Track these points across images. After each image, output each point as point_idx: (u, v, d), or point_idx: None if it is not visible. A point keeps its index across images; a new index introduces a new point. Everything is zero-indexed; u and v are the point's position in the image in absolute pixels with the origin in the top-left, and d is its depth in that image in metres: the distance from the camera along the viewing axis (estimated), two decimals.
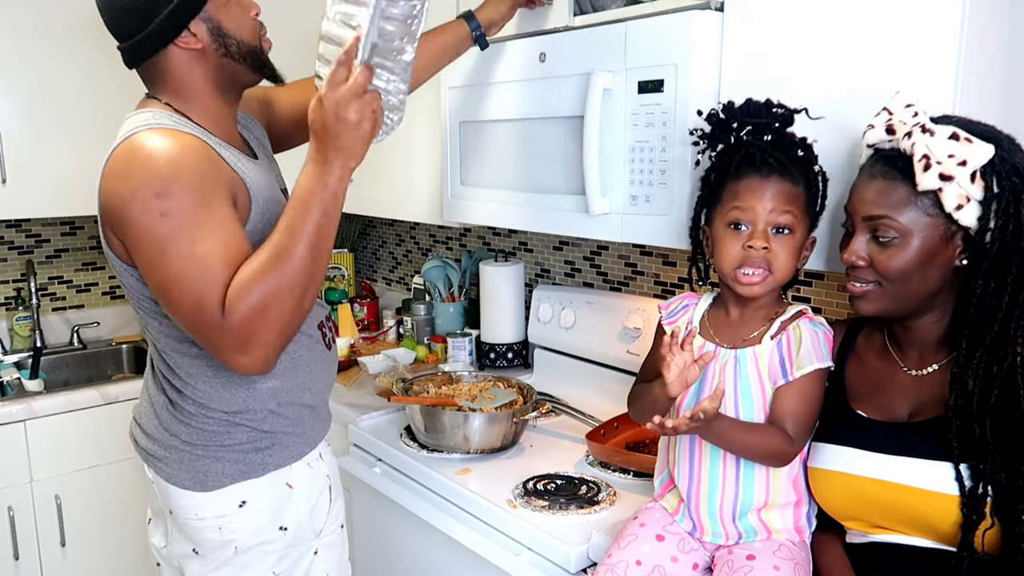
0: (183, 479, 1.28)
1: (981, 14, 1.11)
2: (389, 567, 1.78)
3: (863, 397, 1.16)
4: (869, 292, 1.09)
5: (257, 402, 1.29)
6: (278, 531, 1.31)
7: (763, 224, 1.14)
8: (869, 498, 1.09)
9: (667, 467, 1.28)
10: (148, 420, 1.34)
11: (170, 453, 1.29)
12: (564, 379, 2.09)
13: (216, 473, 1.28)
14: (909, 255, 1.04)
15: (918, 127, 1.02)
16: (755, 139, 1.15)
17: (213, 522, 1.28)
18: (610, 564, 1.19)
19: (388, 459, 1.75)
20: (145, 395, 1.37)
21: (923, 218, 1.03)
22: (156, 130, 1.17)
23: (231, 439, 1.28)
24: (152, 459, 1.32)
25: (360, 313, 2.74)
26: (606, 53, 1.48)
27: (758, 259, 1.14)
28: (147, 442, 1.33)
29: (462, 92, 1.84)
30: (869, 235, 1.07)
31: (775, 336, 1.18)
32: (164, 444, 1.30)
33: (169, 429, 1.30)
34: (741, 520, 1.19)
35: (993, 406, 1.00)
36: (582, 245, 2.20)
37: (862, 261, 1.08)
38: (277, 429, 1.31)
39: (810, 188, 1.17)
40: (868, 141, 1.09)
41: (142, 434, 1.35)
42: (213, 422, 1.28)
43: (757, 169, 1.14)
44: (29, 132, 2.35)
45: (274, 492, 1.30)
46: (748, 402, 1.17)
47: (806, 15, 1.24)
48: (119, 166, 1.15)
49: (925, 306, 1.09)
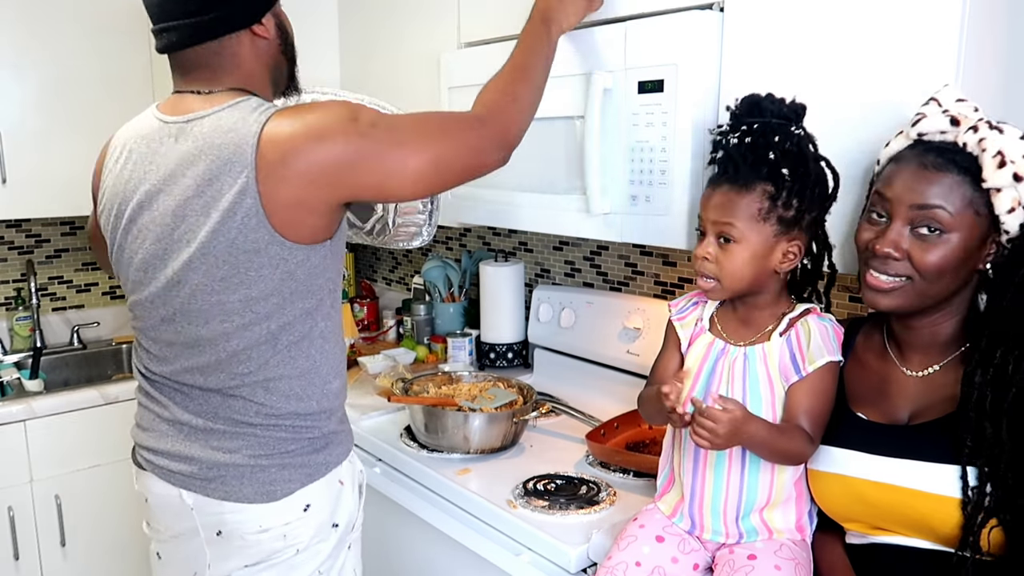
0: (246, 494, 1.24)
1: (981, 14, 1.11)
2: (389, 567, 1.78)
3: (863, 399, 1.16)
4: (897, 287, 1.06)
5: (328, 401, 1.30)
6: (331, 528, 1.31)
7: (711, 233, 1.17)
8: (869, 500, 1.08)
9: (669, 465, 1.28)
10: (183, 446, 1.26)
11: (226, 472, 1.24)
12: (564, 379, 2.09)
13: (284, 480, 1.25)
14: (949, 251, 1.02)
15: (984, 123, 1.01)
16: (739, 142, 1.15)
17: (279, 531, 1.25)
18: (609, 566, 1.19)
19: (388, 459, 1.75)
20: (169, 424, 1.29)
21: (972, 216, 1.02)
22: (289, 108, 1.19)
23: (295, 444, 1.26)
24: (197, 482, 1.25)
25: (360, 313, 2.74)
26: (606, 53, 1.48)
27: (701, 268, 1.18)
28: (186, 466, 1.26)
29: (462, 92, 1.84)
30: (910, 225, 1.04)
31: (784, 333, 1.18)
32: (215, 464, 1.24)
33: (224, 447, 1.24)
34: (744, 520, 1.19)
35: (1008, 406, 0.99)
36: (582, 245, 2.20)
37: (899, 253, 1.04)
38: (334, 428, 1.32)
39: (776, 193, 1.13)
40: (921, 130, 1.05)
41: (177, 462, 1.27)
42: (281, 429, 1.25)
43: (715, 178, 1.18)
44: (29, 132, 2.35)
45: (331, 491, 1.31)
46: (757, 399, 1.17)
47: (806, 15, 1.24)
48: (315, 128, 1.14)
49: (939, 306, 1.08)
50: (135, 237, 1.25)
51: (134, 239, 1.25)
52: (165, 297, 1.23)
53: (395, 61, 2.17)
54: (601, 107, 1.48)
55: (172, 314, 1.23)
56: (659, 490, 1.30)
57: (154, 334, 1.27)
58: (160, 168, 1.21)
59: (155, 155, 1.22)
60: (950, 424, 1.04)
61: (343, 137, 1.15)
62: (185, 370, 1.25)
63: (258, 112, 1.16)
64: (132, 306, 1.31)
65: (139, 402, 1.36)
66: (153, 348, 1.29)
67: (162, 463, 1.28)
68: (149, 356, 1.30)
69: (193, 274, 1.18)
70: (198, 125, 1.18)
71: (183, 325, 1.23)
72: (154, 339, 1.28)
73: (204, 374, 1.24)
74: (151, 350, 1.30)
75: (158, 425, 1.30)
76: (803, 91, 1.21)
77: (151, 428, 1.31)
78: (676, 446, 1.26)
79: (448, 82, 1.87)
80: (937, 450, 1.03)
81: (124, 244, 1.27)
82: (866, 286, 1.09)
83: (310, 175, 1.14)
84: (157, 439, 1.30)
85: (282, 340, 1.23)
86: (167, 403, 1.29)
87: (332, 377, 1.31)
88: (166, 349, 1.27)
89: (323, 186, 1.15)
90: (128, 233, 1.26)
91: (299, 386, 1.26)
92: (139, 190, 1.23)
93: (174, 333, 1.24)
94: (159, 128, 1.24)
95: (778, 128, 1.14)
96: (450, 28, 1.94)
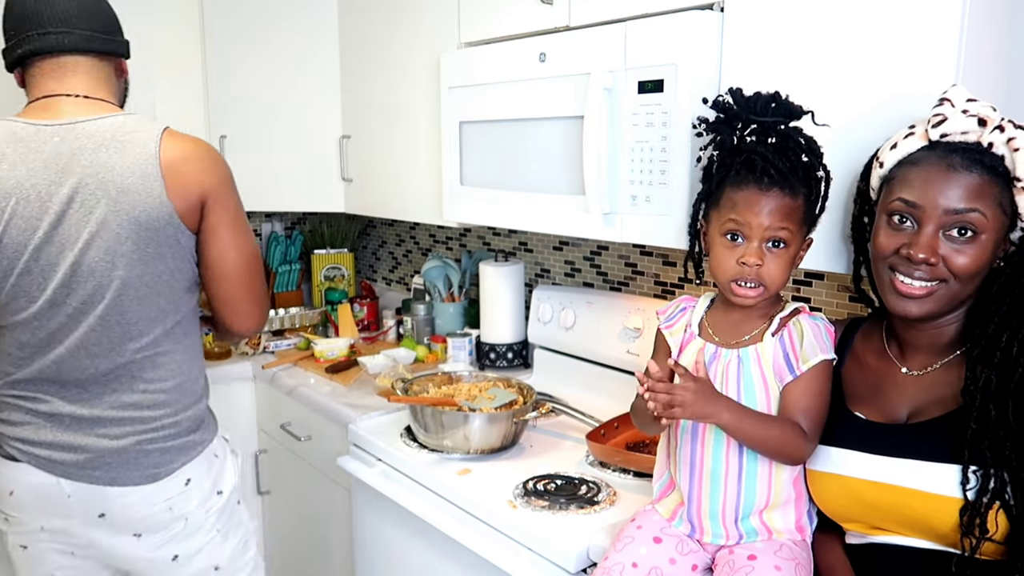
0: (132, 478, 1.38)
1: (981, 14, 1.11)
2: (389, 567, 1.78)
3: (861, 398, 1.16)
4: (932, 292, 1.04)
5: (206, 383, 1.52)
6: (216, 495, 1.48)
7: (758, 240, 1.13)
8: (868, 501, 1.08)
9: (667, 469, 1.28)
10: (66, 436, 1.38)
11: (112, 459, 1.38)
12: (564, 379, 2.09)
13: (167, 462, 1.41)
14: (983, 252, 1.02)
15: (1010, 123, 1.01)
16: (759, 143, 1.14)
17: (164, 505, 1.41)
18: (606, 567, 1.19)
19: (388, 459, 1.75)
20: (46, 417, 1.39)
21: (1001, 216, 1.02)
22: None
23: (175, 428, 1.43)
24: (78, 471, 1.37)
25: (360, 313, 2.74)
26: (606, 53, 1.48)
27: (751, 275, 1.14)
28: (69, 455, 1.37)
29: (462, 92, 1.84)
30: (941, 230, 1.03)
31: (776, 333, 1.18)
32: (102, 451, 1.38)
33: (110, 434, 1.38)
34: (743, 522, 1.18)
35: (1015, 386, 0.99)
36: (582, 245, 2.20)
37: (935, 259, 1.03)
38: (206, 408, 1.52)
39: (811, 196, 1.16)
40: (944, 131, 1.03)
41: (59, 452, 1.38)
42: (177, 413, 1.43)
43: (757, 180, 1.12)
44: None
45: (210, 465, 1.48)
46: (751, 402, 1.16)
47: (806, 15, 1.24)
48: (205, 153, 1.39)
49: (958, 306, 1.08)
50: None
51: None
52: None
53: (395, 61, 2.17)
54: (601, 107, 1.48)
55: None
56: (657, 494, 1.29)
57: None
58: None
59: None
60: (950, 423, 1.04)
61: (232, 191, 1.47)
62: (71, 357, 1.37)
63: (147, 128, 1.38)
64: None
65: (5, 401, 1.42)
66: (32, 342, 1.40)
67: (42, 453, 1.37)
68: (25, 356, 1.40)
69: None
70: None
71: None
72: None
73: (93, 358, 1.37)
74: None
75: (33, 419, 1.39)
76: (802, 91, 1.21)
77: (24, 423, 1.40)
78: (672, 453, 1.25)
79: (448, 82, 1.87)
80: (936, 449, 1.03)
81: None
82: (895, 293, 1.07)
83: (195, 189, 1.42)
84: (34, 431, 1.39)
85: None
86: (45, 397, 1.39)
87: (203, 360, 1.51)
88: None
89: (191, 199, 1.41)
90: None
91: (197, 370, 1.47)
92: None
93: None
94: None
95: (799, 130, 1.15)
96: (450, 28, 1.94)
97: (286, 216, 3.12)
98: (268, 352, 2.50)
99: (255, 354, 2.48)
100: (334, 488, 2.07)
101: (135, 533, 1.40)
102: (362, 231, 3.11)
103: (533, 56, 1.64)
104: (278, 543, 2.46)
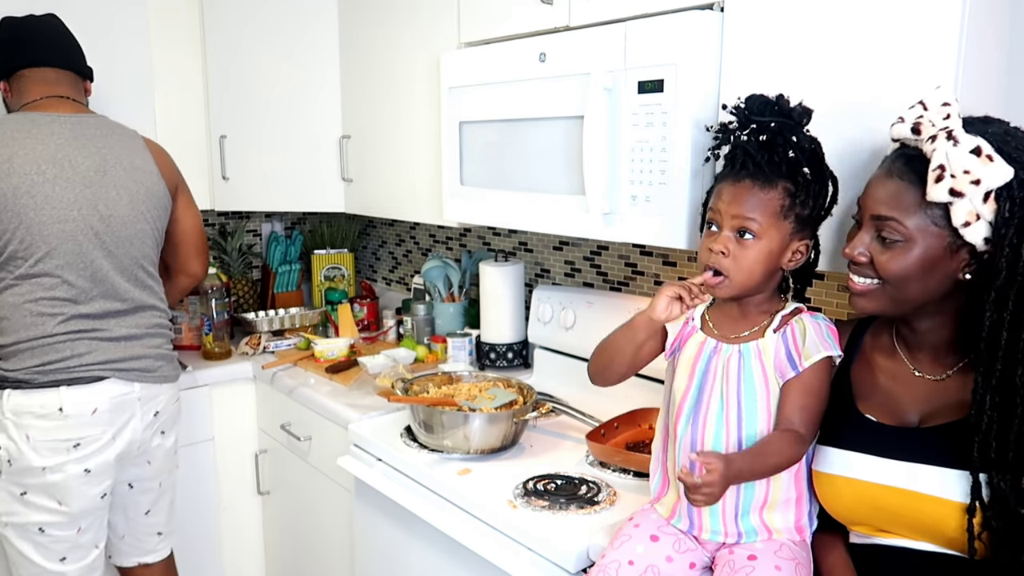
0: (169, 375, 1.91)
1: (981, 14, 1.11)
2: (389, 567, 1.78)
3: (871, 399, 1.15)
4: (870, 291, 1.08)
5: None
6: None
7: (727, 228, 1.16)
8: (878, 504, 1.07)
9: (660, 468, 1.28)
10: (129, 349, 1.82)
11: (160, 362, 1.89)
12: (564, 379, 2.09)
13: (176, 362, 1.99)
14: (909, 261, 1.02)
15: (944, 132, 0.98)
16: (748, 140, 1.15)
17: (178, 397, 1.97)
18: (603, 565, 1.19)
19: (388, 459, 1.75)
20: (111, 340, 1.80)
21: (930, 227, 1.01)
22: None
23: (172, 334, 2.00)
24: (146, 375, 1.84)
25: (360, 313, 2.74)
26: (606, 53, 1.48)
27: (717, 262, 1.16)
28: (137, 363, 1.82)
29: (462, 92, 1.84)
30: (875, 232, 1.05)
31: (777, 330, 1.18)
32: (155, 357, 1.86)
33: (152, 344, 1.88)
34: (743, 519, 1.19)
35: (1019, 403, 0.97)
36: (582, 245, 2.20)
37: (863, 257, 1.06)
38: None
39: (795, 192, 1.15)
40: (894, 135, 1.05)
41: (129, 362, 1.81)
42: (170, 330, 1.98)
43: (735, 172, 1.16)
44: None
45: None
46: (751, 397, 1.17)
47: (806, 15, 1.24)
48: (167, 151, 2.00)
49: (926, 310, 1.08)
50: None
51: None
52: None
53: (395, 61, 2.17)
54: (601, 107, 1.48)
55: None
56: (654, 494, 1.29)
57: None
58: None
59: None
60: (961, 428, 1.02)
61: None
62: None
63: (119, 127, 1.94)
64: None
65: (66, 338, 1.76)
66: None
67: (123, 366, 1.78)
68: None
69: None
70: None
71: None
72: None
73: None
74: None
75: (101, 343, 1.77)
76: (803, 91, 1.21)
77: (91, 351, 1.75)
78: (671, 447, 1.26)
79: (448, 82, 1.87)
80: (950, 454, 1.02)
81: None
82: (848, 289, 1.11)
83: (173, 175, 2.04)
84: (107, 350, 1.76)
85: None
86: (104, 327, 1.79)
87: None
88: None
89: (170, 182, 2.00)
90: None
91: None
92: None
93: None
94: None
95: (794, 128, 1.15)
96: (450, 28, 1.95)
97: (286, 216, 3.12)
98: (268, 352, 2.50)
99: (255, 354, 2.48)
100: (334, 488, 2.07)
101: (162, 431, 1.89)
102: (362, 231, 3.11)
103: (533, 56, 1.64)
104: (278, 543, 2.46)
